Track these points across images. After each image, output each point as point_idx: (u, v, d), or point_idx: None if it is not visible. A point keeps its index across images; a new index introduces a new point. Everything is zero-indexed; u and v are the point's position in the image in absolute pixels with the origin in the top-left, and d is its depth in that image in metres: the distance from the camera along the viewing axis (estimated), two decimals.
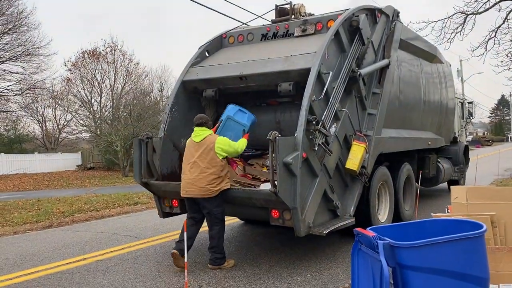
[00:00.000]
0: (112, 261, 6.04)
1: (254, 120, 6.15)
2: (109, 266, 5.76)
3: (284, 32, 6.70)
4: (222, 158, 5.22)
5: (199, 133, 5.34)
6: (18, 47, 25.91)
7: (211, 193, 5.15)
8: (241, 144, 5.40)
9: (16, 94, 27.72)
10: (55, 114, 33.27)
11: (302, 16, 6.86)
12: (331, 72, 5.49)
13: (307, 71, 5.37)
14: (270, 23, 7.07)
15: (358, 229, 2.87)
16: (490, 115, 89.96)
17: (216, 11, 11.09)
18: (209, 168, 5.15)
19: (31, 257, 6.44)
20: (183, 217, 6.49)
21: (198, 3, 9.73)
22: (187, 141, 5.55)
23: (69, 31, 77.25)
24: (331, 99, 5.53)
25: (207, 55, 6.98)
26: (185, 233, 4.56)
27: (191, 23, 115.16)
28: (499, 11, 11.78)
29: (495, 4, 11.76)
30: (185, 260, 4.43)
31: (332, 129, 5.60)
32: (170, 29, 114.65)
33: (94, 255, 6.39)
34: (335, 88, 5.61)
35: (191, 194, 5.24)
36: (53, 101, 31.73)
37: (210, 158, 5.17)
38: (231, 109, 6.08)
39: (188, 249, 4.80)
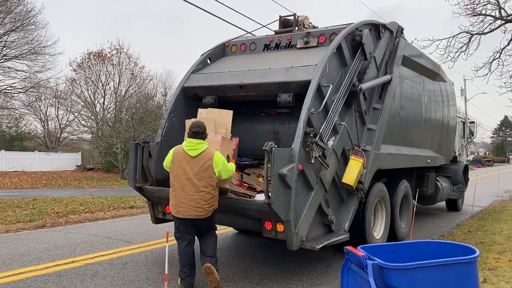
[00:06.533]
0: (102, 265, 5.96)
1: None
2: (98, 271, 5.69)
3: (286, 44, 6.68)
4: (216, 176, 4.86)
5: (196, 146, 4.82)
6: (24, 45, 26.15)
7: (207, 214, 4.80)
8: (233, 168, 5.14)
9: (20, 92, 27.86)
10: (57, 114, 33.45)
11: (306, 28, 6.86)
12: (331, 85, 5.45)
13: (307, 83, 5.33)
14: (274, 33, 7.06)
15: (348, 247, 2.80)
16: (492, 135, 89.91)
17: (223, 20, 11.11)
18: (206, 187, 4.75)
19: (20, 257, 6.37)
20: None
21: (210, 13, 9.88)
22: (176, 150, 4.94)
23: (77, 32, 77.80)
24: (330, 112, 5.48)
25: (209, 62, 6.97)
26: (167, 245, 4.52)
27: (203, 32, 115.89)
28: (504, 33, 11.80)
29: (500, 25, 11.77)
30: (166, 271, 4.42)
31: (330, 143, 5.54)
32: (179, 36, 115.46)
33: (84, 258, 6.31)
34: (334, 102, 5.57)
35: (184, 214, 4.76)
36: (56, 100, 31.91)
37: (207, 176, 4.76)
38: None
39: (193, 277, 4.90)
